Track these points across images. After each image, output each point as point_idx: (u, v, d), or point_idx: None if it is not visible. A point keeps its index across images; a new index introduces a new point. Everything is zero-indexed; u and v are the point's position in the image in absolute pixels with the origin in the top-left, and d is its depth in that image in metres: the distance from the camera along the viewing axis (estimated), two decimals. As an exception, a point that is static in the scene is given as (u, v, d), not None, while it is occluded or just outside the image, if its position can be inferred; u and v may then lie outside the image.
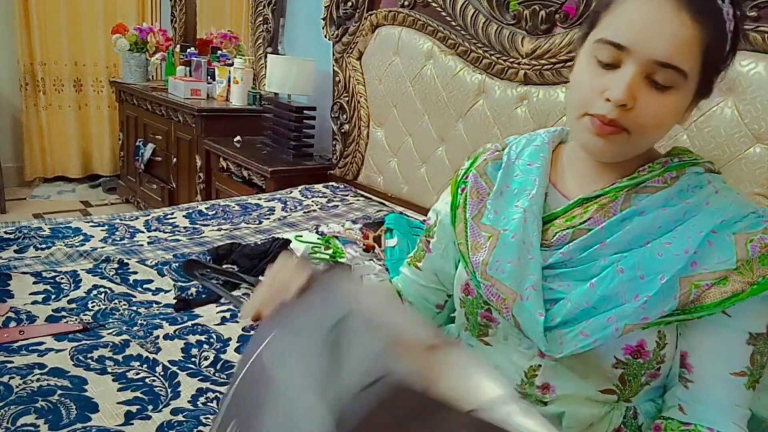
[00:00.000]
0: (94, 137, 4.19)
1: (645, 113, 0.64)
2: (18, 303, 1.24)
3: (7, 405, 0.91)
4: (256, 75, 3.20)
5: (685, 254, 0.65)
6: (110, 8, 4.10)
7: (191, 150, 2.96)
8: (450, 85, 1.96)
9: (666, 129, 0.69)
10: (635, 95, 0.64)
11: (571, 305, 0.68)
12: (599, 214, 0.71)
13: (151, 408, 0.97)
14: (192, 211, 1.99)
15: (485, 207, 0.80)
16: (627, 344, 0.68)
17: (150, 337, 1.17)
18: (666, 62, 0.62)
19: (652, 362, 0.69)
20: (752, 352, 0.66)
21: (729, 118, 1.31)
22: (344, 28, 2.36)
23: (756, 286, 0.64)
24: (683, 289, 0.65)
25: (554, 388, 0.73)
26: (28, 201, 3.81)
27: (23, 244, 1.56)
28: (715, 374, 0.68)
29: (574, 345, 0.68)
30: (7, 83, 3.86)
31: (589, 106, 0.67)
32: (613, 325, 0.66)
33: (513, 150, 0.83)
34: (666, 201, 0.69)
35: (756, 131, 1.27)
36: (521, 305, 0.71)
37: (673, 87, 0.64)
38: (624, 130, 0.65)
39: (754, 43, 1.27)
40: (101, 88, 4.16)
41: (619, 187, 0.71)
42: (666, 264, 0.65)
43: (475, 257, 0.77)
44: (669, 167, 0.71)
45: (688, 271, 0.65)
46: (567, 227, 0.72)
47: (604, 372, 0.70)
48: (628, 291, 0.66)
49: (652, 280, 0.65)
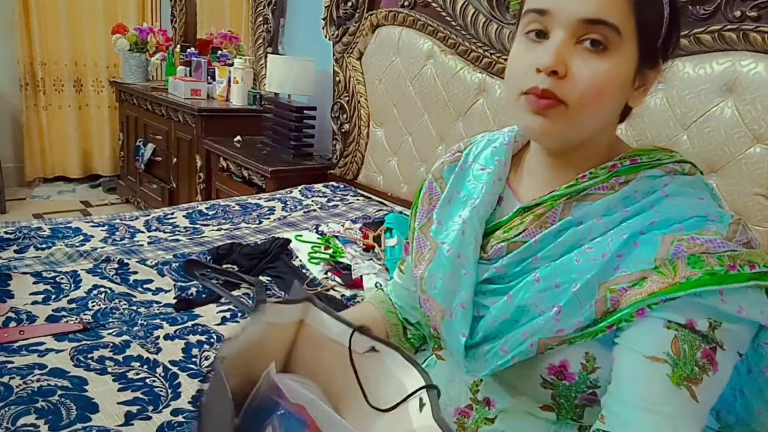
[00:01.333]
0: (94, 137, 4.19)
1: (580, 80, 0.59)
2: (18, 303, 1.24)
3: (7, 405, 0.91)
4: (256, 75, 3.20)
5: (601, 258, 0.59)
6: (110, 8, 4.10)
7: (191, 150, 2.96)
8: (450, 85, 1.96)
9: (609, 101, 0.61)
10: (566, 62, 0.59)
11: (491, 318, 0.65)
12: (534, 225, 0.66)
13: (151, 408, 0.97)
14: (192, 211, 1.99)
15: (432, 217, 0.76)
16: (550, 363, 0.63)
17: (150, 337, 1.17)
18: (592, 18, 0.58)
19: (581, 386, 0.63)
20: (673, 338, 0.56)
21: (729, 118, 1.31)
22: (344, 28, 2.36)
23: (678, 286, 0.56)
24: (599, 295, 0.59)
25: (494, 403, 0.71)
26: (28, 201, 3.81)
27: (23, 244, 1.56)
28: (629, 364, 0.58)
29: (495, 362, 0.65)
30: (7, 83, 3.86)
31: (522, 83, 0.62)
32: (528, 340, 0.62)
33: (473, 151, 0.78)
34: (606, 209, 0.63)
35: (756, 131, 1.27)
36: (449, 323, 0.69)
37: (608, 48, 0.59)
38: (561, 103, 0.60)
39: (754, 43, 1.27)
40: (101, 88, 4.17)
41: (557, 195, 0.65)
42: (580, 270, 0.60)
43: (417, 270, 0.75)
44: (617, 171, 0.64)
45: (609, 276, 0.59)
46: (503, 240, 0.68)
47: (535, 389, 0.66)
48: (544, 301, 0.62)
49: (566, 289, 0.60)
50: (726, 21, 1.30)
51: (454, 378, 0.76)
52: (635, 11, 0.59)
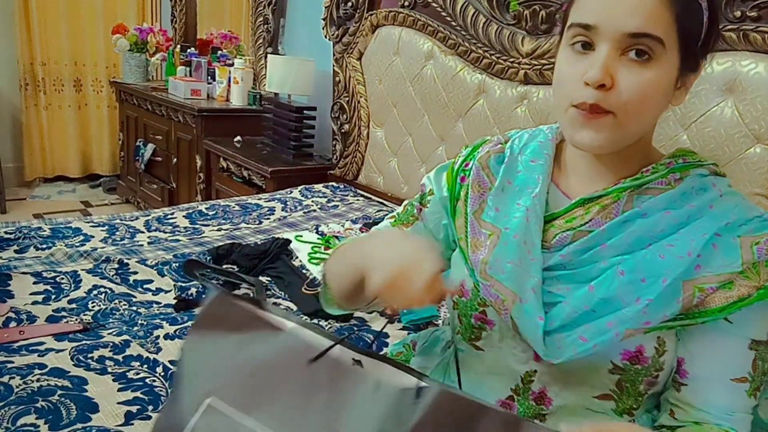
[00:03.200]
0: (94, 137, 4.19)
1: (627, 90, 0.62)
2: (18, 303, 1.24)
3: (7, 405, 0.91)
4: (256, 75, 3.20)
5: (688, 256, 0.64)
6: (110, 8, 4.10)
7: (191, 150, 2.96)
8: (450, 85, 1.96)
9: (654, 107, 0.66)
10: (613, 74, 0.62)
11: (570, 309, 0.67)
12: (600, 216, 0.69)
13: (151, 408, 0.97)
14: (192, 211, 1.99)
15: (486, 203, 0.78)
16: (625, 350, 0.66)
17: (150, 337, 1.17)
18: (636, 32, 0.61)
19: (650, 369, 0.67)
20: (754, 358, 0.65)
21: (729, 118, 1.31)
22: (344, 29, 2.36)
23: (763, 290, 0.63)
24: (686, 292, 0.63)
25: (551, 398, 0.72)
26: (28, 201, 3.81)
27: (23, 244, 1.56)
28: (714, 380, 0.66)
29: (572, 350, 0.66)
30: (7, 83, 3.86)
31: (571, 96, 0.65)
32: (613, 330, 0.64)
33: (516, 144, 0.81)
34: (669, 203, 0.67)
35: (756, 131, 1.27)
36: (520, 308, 0.70)
37: (652, 58, 0.62)
38: (609, 113, 0.63)
39: (754, 43, 1.27)
40: (101, 88, 4.17)
41: (622, 188, 0.69)
42: (668, 266, 0.64)
43: (475, 255, 0.75)
44: (673, 168, 0.69)
45: (692, 275, 0.64)
46: (567, 228, 0.70)
47: (600, 377, 0.69)
48: (629, 294, 0.64)
49: (653, 283, 0.64)
50: (726, 21, 1.30)
51: (496, 368, 0.76)
52: (677, 21, 0.62)
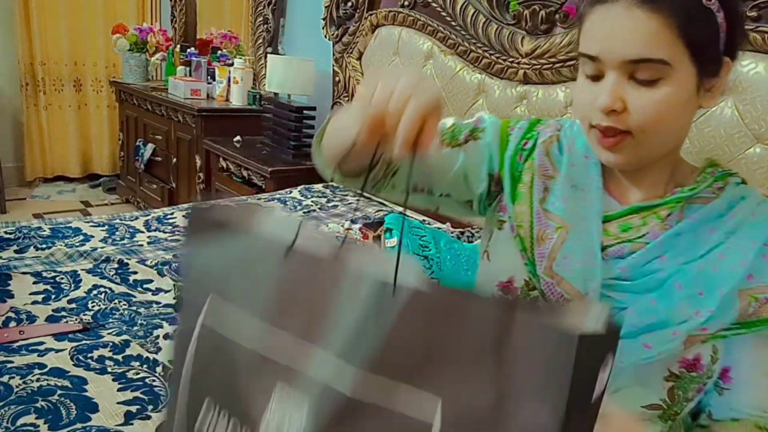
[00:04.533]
0: (94, 137, 4.19)
1: (639, 111, 0.63)
2: (18, 303, 1.24)
3: (7, 405, 0.91)
4: (256, 75, 3.20)
5: (741, 267, 0.65)
6: (110, 8, 4.10)
7: (191, 150, 2.96)
8: (450, 85, 1.96)
9: (672, 122, 0.66)
10: (623, 98, 0.64)
11: (635, 317, 0.67)
12: (658, 227, 0.69)
13: (151, 408, 0.97)
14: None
15: (549, 192, 0.75)
16: (684, 357, 0.67)
17: (150, 337, 1.17)
18: (637, 59, 0.62)
19: (704, 377, 0.68)
20: None
21: (729, 118, 1.31)
22: (344, 28, 2.36)
23: None
24: (742, 301, 0.65)
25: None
26: (28, 201, 3.81)
27: (23, 244, 1.56)
28: (755, 381, 0.68)
29: (636, 356, 0.66)
30: (7, 83, 3.86)
31: (588, 117, 0.67)
32: (678, 339, 0.65)
33: (567, 134, 0.79)
34: (718, 213, 0.68)
35: (756, 131, 1.27)
36: None
37: (661, 78, 0.62)
38: (627, 134, 0.65)
39: (754, 44, 1.27)
40: (101, 88, 4.16)
41: (679, 198, 0.70)
42: (723, 278, 0.65)
43: (541, 248, 0.72)
44: (717, 177, 0.71)
45: (745, 284, 0.65)
46: (624, 240, 0.70)
47: (655, 385, 0.68)
48: (688, 307, 0.65)
49: (710, 296, 0.65)
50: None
51: None
52: (682, 36, 0.61)
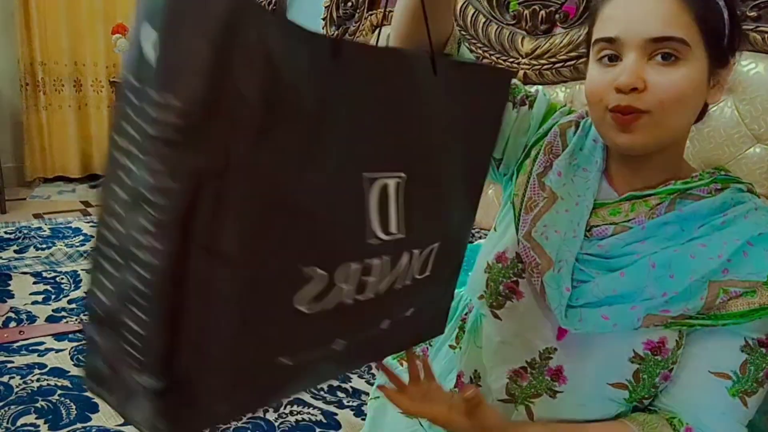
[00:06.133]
0: (94, 137, 4.19)
1: (659, 88, 0.64)
2: (18, 303, 1.25)
3: (7, 405, 0.91)
4: (256, 75, 3.19)
5: (718, 258, 0.65)
6: (110, 8, 4.09)
7: (191, 150, 2.96)
8: (450, 85, 1.96)
9: (690, 103, 0.67)
10: (643, 77, 0.64)
11: (598, 289, 0.69)
12: (645, 214, 0.71)
13: (151, 408, 0.97)
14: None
15: (551, 168, 0.78)
16: (648, 339, 0.68)
17: (150, 337, 1.17)
18: (658, 36, 0.63)
19: (668, 362, 0.68)
20: (744, 360, 0.66)
21: (729, 118, 1.31)
22: (344, 29, 2.36)
23: None
24: (711, 292, 0.65)
25: (566, 377, 0.73)
26: (28, 201, 3.81)
27: (23, 244, 1.56)
28: (694, 372, 0.68)
29: (592, 325, 0.68)
30: (7, 83, 3.86)
31: (606, 101, 0.67)
32: (635, 314, 0.66)
33: (585, 125, 0.81)
34: (709, 211, 0.69)
35: (756, 131, 1.27)
36: (554, 276, 0.71)
37: (679, 59, 0.64)
38: (644, 113, 0.65)
39: (754, 43, 1.27)
40: (101, 88, 4.16)
41: (672, 190, 0.71)
42: (697, 265, 0.65)
43: (527, 215, 0.76)
44: (716, 178, 0.71)
45: (719, 276, 0.65)
46: (610, 222, 0.73)
47: (620, 364, 0.70)
48: (656, 287, 0.66)
49: (681, 279, 0.65)
50: (726, 21, 1.30)
51: (512, 340, 0.78)
52: (698, 21, 0.64)
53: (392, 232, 0.52)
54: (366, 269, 0.51)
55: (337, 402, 1.02)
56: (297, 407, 0.99)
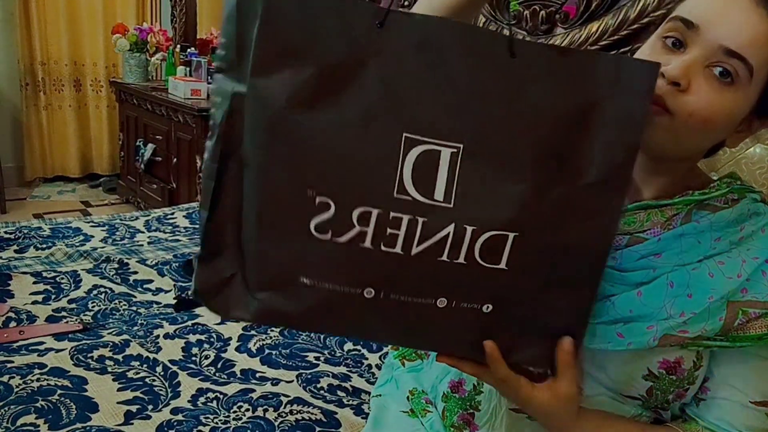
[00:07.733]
0: (94, 137, 4.19)
1: (697, 99, 0.60)
2: (18, 303, 1.25)
3: (7, 405, 0.91)
4: (256, 75, 3.19)
5: (737, 278, 0.63)
6: (110, 8, 4.09)
7: (191, 150, 2.96)
8: (450, 85, 1.96)
9: (714, 131, 0.64)
10: (691, 78, 0.60)
11: (615, 310, 0.66)
12: (660, 225, 0.68)
13: (151, 408, 0.97)
14: (192, 211, 1.99)
15: None
16: (665, 358, 0.66)
17: (150, 337, 1.17)
18: (734, 50, 0.59)
19: (684, 382, 0.67)
20: None
21: (729, 117, 1.31)
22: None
23: None
24: (730, 312, 0.63)
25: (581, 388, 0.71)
26: (28, 201, 3.81)
27: (23, 244, 1.56)
28: (734, 399, 0.66)
29: (606, 342, 0.66)
30: (7, 83, 3.86)
31: None
32: (651, 334, 0.64)
33: None
34: (725, 223, 0.67)
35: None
36: None
37: (734, 83, 0.60)
38: (668, 113, 0.61)
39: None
40: (101, 88, 4.16)
41: (689, 200, 0.68)
42: (716, 285, 0.63)
43: None
44: (733, 188, 0.69)
45: (737, 296, 0.63)
46: (624, 232, 0.69)
47: (633, 381, 0.68)
48: (674, 307, 0.64)
49: (699, 300, 0.63)
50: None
51: None
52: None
53: (437, 199, 0.52)
54: (389, 220, 0.52)
55: (337, 401, 1.02)
56: (297, 406, 0.99)
